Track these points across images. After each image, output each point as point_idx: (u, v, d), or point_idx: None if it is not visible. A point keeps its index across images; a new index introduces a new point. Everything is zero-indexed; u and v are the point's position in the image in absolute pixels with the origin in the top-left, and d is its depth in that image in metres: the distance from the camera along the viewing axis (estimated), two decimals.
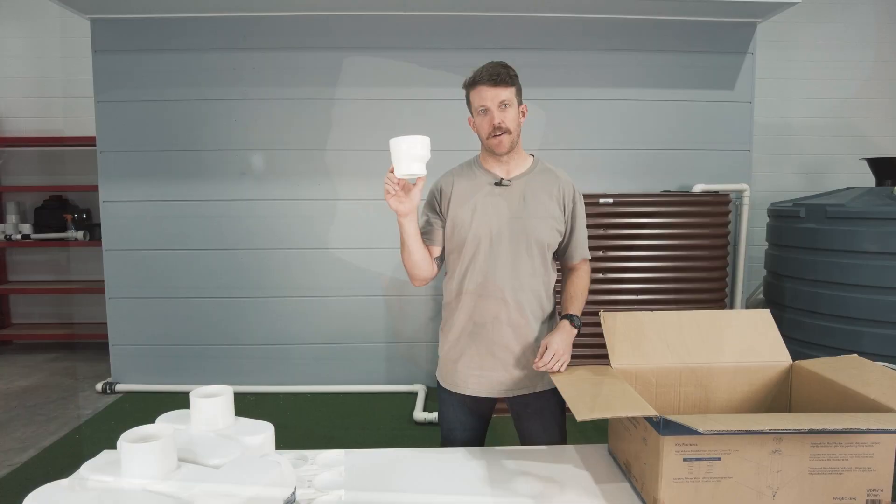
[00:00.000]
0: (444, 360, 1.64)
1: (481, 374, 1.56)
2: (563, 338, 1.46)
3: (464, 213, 1.53)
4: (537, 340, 1.55)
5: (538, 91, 3.50)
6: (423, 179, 1.38)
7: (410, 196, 1.41)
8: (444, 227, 1.58)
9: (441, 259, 1.63)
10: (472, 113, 1.54)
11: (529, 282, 1.53)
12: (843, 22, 4.40)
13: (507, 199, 1.52)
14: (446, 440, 1.64)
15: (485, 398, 1.59)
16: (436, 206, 1.60)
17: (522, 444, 1.65)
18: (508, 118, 1.47)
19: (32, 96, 4.58)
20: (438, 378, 1.66)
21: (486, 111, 1.48)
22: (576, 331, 1.50)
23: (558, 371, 1.41)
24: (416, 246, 1.51)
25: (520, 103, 1.52)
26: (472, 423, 1.62)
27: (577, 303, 1.56)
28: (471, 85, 1.50)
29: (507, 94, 1.46)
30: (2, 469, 2.63)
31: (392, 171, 1.36)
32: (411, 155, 1.31)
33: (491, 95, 1.45)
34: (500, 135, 1.47)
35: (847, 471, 1.06)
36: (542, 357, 1.42)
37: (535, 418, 1.60)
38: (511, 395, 1.58)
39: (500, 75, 1.45)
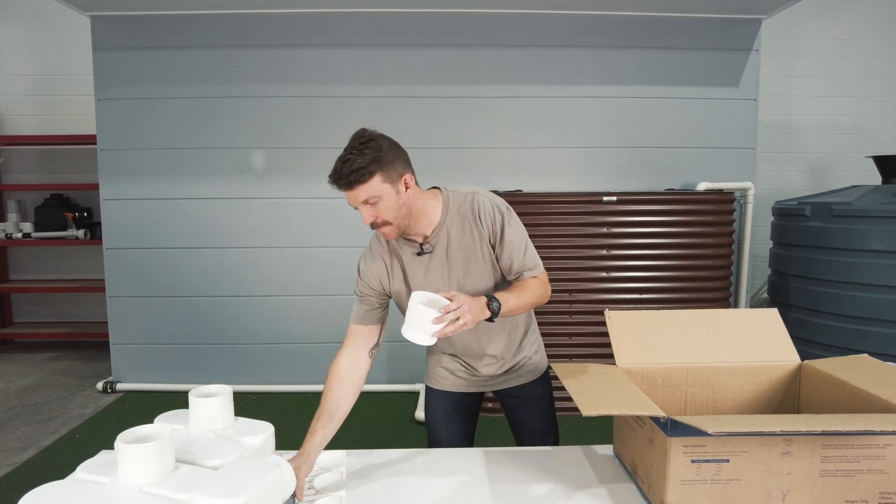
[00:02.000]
0: (428, 357, 1.67)
1: (460, 369, 1.60)
2: (473, 302, 1.27)
3: (399, 286, 1.47)
4: (520, 345, 1.58)
5: (542, 89, 3.48)
6: None
7: None
8: (382, 307, 1.52)
9: (377, 345, 1.60)
10: None
11: (490, 326, 1.45)
12: (848, 19, 4.37)
13: (435, 262, 1.44)
14: (431, 436, 1.65)
15: (468, 393, 1.61)
16: (367, 291, 1.50)
17: (515, 435, 1.68)
18: (381, 210, 1.32)
19: (33, 94, 4.57)
20: (424, 376, 1.69)
21: (357, 209, 1.35)
22: (488, 311, 1.30)
23: (454, 330, 1.24)
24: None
25: (396, 180, 1.32)
26: (456, 417, 1.63)
27: (508, 293, 1.37)
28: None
29: (367, 191, 1.28)
30: (1, 469, 2.61)
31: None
32: (431, 328, 1.22)
33: (351, 197, 1.32)
34: (379, 227, 1.36)
35: (859, 473, 1.04)
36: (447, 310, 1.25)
37: (522, 408, 1.63)
38: (494, 389, 1.62)
39: (347, 178, 1.26)
